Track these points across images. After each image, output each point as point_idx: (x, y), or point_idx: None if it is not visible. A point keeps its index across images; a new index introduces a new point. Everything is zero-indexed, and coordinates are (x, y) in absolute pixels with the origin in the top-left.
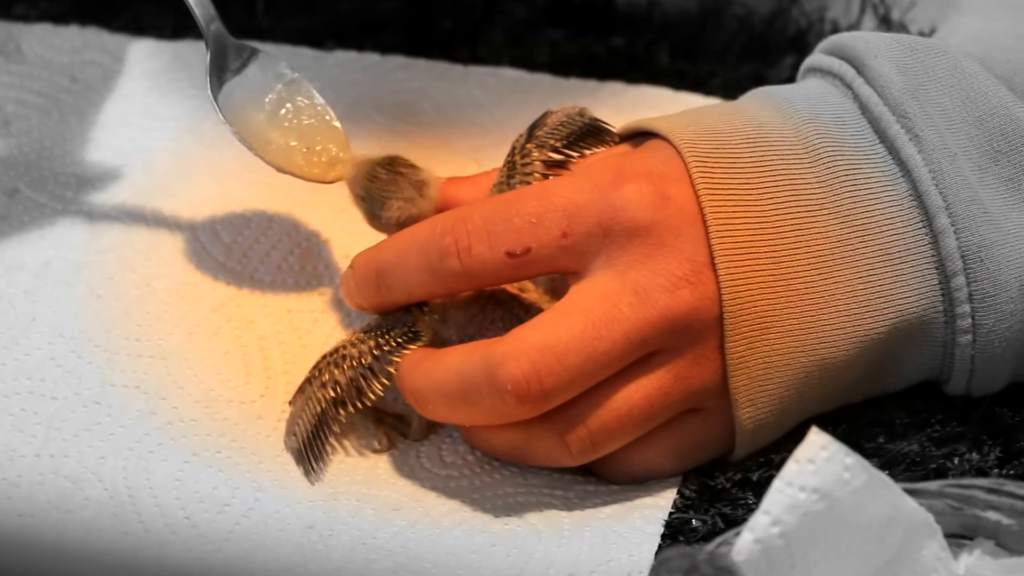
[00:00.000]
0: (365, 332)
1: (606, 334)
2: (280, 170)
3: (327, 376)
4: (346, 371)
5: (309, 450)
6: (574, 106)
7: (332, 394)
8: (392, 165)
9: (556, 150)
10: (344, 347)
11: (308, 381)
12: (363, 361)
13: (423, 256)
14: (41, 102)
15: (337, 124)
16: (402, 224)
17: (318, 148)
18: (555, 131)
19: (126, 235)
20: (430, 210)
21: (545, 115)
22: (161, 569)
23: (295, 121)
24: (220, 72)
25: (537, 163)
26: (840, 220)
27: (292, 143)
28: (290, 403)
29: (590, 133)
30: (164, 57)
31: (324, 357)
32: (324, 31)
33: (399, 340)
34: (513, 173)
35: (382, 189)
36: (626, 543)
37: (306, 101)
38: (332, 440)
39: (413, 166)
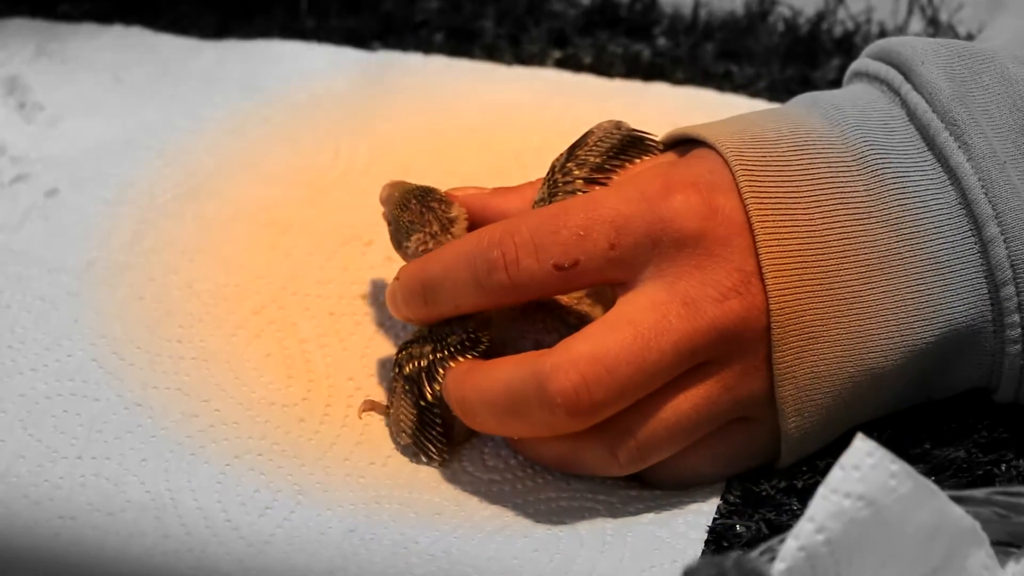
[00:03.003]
0: (430, 332)
1: (655, 345)
2: None
3: (407, 369)
4: (411, 368)
5: (423, 437)
6: (610, 121)
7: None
8: (425, 198)
9: (598, 167)
10: (414, 343)
11: (394, 379)
12: (421, 364)
13: (470, 269)
14: (84, 103)
15: None
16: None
17: None
18: (594, 148)
19: (168, 236)
20: None
21: (586, 135)
22: (202, 571)
23: None
24: None
25: (578, 181)
26: (889, 229)
27: None
28: (387, 406)
29: (631, 145)
30: (207, 57)
31: (400, 351)
32: (368, 31)
33: (453, 348)
34: (555, 192)
35: (410, 220)
36: (669, 549)
37: None
38: (439, 421)
39: (446, 201)
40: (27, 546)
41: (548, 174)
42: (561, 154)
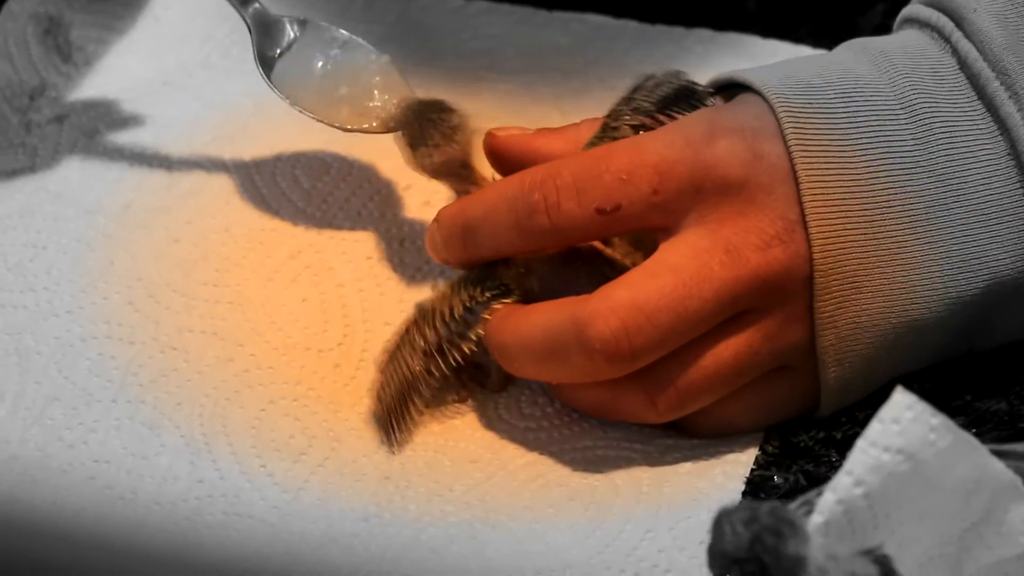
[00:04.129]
0: (452, 287)
1: (697, 293)
2: (350, 130)
3: (417, 338)
4: (438, 328)
5: (393, 415)
6: (671, 70)
7: (423, 356)
8: (423, 111)
9: (648, 113)
10: (432, 303)
11: (398, 347)
12: (455, 314)
13: (511, 212)
14: (123, 43)
15: (399, 76)
16: (435, 168)
17: (385, 98)
18: (650, 94)
19: (205, 179)
20: (460, 154)
21: (646, 78)
22: (236, 516)
23: (355, 80)
24: (268, 53)
25: (625, 127)
26: (935, 179)
27: (358, 104)
28: (379, 370)
29: (684, 96)
30: None
31: (411, 320)
32: None
33: (491, 294)
34: (604, 134)
35: (411, 135)
36: (706, 500)
37: (364, 58)
38: (420, 406)
39: (445, 110)
40: (61, 489)
41: (605, 116)
42: (621, 98)
